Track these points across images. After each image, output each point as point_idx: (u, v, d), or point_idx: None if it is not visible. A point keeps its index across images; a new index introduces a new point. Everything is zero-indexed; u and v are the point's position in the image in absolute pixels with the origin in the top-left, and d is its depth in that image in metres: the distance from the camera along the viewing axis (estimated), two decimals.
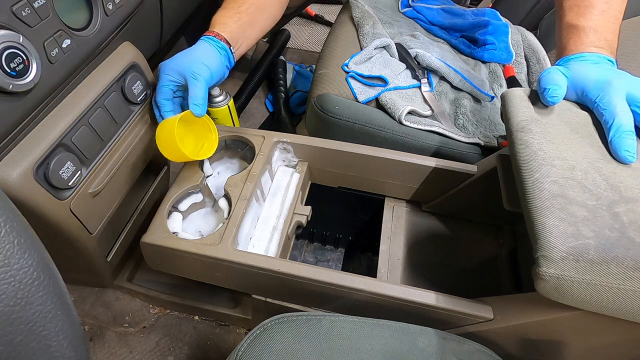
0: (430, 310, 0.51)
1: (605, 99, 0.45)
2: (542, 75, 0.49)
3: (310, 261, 0.91)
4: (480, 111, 0.78)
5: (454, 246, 0.70)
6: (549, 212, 0.38)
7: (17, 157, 0.47)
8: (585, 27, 0.52)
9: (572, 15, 0.53)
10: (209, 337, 0.79)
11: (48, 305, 0.26)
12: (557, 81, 0.47)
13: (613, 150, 0.43)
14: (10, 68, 0.40)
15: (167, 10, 0.73)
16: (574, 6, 0.53)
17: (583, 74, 0.48)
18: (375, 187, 0.73)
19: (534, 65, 0.86)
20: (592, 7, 0.52)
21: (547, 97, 0.47)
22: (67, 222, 0.54)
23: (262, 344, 0.44)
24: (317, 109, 0.73)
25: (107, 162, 0.59)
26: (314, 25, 1.65)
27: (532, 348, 0.51)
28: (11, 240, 0.25)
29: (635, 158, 0.42)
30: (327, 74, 0.77)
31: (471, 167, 0.64)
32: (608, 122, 0.44)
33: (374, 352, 0.44)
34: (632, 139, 0.42)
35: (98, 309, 0.80)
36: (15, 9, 0.40)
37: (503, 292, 0.64)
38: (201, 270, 0.59)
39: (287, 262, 0.55)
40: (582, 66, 0.49)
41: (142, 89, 0.64)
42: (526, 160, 0.43)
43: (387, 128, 0.71)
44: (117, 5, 0.54)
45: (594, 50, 0.50)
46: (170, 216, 0.63)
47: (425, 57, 0.79)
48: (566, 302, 0.39)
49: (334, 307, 0.59)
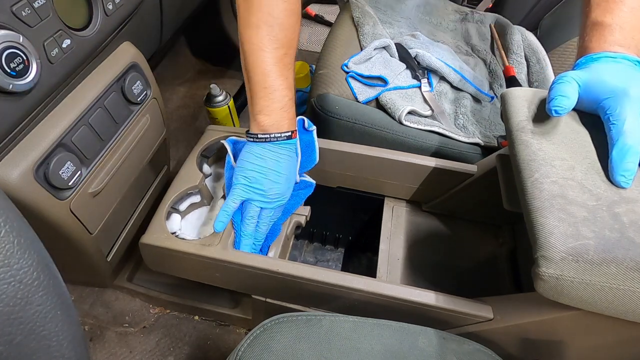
0: (430, 310, 0.51)
1: (617, 111, 0.41)
2: (553, 84, 0.45)
3: (310, 261, 0.91)
4: (480, 111, 0.78)
5: (453, 246, 0.70)
6: (549, 213, 0.38)
7: (17, 157, 0.47)
8: (611, 24, 0.46)
9: (599, 12, 0.48)
10: (209, 337, 0.79)
11: (48, 305, 0.26)
12: (566, 92, 0.43)
13: (610, 170, 0.41)
14: (10, 68, 0.40)
15: (167, 10, 0.73)
16: (602, 2, 0.48)
17: (599, 79, 0.43)
18: (375, 187, 0.73)
19: (534, 65, 0.86)
20: (622, 2, 0.47)
21: (551, 108, 0.43)
22: (67, 222, 0.54)
23: (262, 344, 0.44)
24: (317, 109, 0.73)
25: (107, 162, 0.59)
26: (314, 25, 1.65)
27: (532, 348, 0.51)
28: (11, 240, 0.24)
29: (630, 184, 0.40)
30: (327, 74, 0.77)
31: (471, 167, 0.64)
32: (613, 139, 0.41)
33: (374, 352, 0.44)
34: (632, 163, 0.39)
35: (98, 309, 0.80)
36: (15, 9, 0.40)
37: (503, 292, 0.63)
38: (200, 270, 0.59)
39: (287, 262, 0.55)
40: (601, 68, 0.44)
41: (142, 89, 0.64)
42: (526, 161, 0.43)
43: (387, 128, 0.71)
44: (117, 5, 0.54)
45: (618, 49, 0.45)
46: (169, 217, 0.63)
47: (425, 57, 0.79)
48: (566, 302, 0.39)
49: (334, 307, 0.59)
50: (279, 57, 0.55)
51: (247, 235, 0.59)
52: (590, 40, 0.48)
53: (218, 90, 0.98)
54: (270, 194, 0.57)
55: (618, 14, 0.47)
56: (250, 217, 0.58)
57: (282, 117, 0.57)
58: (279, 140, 0.57)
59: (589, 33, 0.48)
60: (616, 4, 0.47)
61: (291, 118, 0.58)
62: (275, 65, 0.55)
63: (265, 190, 0.57)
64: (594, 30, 0.48)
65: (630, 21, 0.46)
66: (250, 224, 0.58)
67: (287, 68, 0.57)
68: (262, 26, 0.54)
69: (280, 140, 0.57)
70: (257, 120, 0.56)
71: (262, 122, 0.56)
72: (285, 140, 0.57)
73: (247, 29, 0.55)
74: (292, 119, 0.59)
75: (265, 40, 0.54)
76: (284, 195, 0.59)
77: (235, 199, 0.57)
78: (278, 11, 0.54)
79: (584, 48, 0.48)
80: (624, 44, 0.45)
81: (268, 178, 0.57)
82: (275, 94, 0.56)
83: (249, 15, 0.54)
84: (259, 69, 0.55)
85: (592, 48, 0.47)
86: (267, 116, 0.56)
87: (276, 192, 0.58)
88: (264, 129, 0.56)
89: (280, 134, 0.57)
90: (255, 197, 0.57)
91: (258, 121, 0.56)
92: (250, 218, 0.58)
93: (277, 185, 0.57)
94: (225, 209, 0.56)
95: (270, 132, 0.56)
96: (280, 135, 0.57)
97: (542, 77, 0.83)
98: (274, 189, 0.57)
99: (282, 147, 0.57)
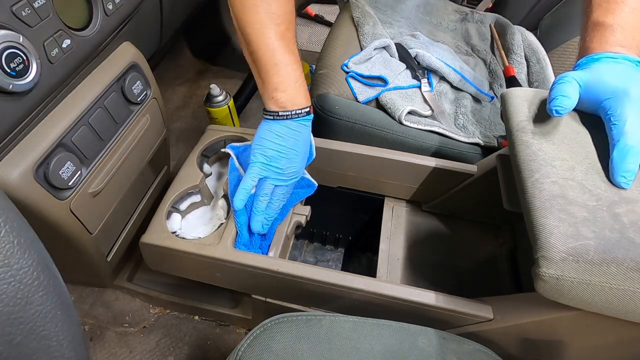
0: (430, 310, 0.51)
1: (618, 112, 0.41)
2: (554, 84, 0.45)
3: (310, 261, 0.91)
4: (480, 111, 0.78)
5: (453, 246, 0.70)
6: (549, 213, 0.38)
7: (17, 157, 0.47)
8: (612, 24, 0.46)
9: (600, 12, 0.48)
10: (209, 337, 0.79)
11: (48, 305, 0.26)
12: (567, 92, 0.43)
13: (611, 171, 0.41)
14: (10, 68, 0.40)
15: (167, 10, 0.73)
16: (604, 2, 0.48)
17: (600, 80, 0.43)
18: (375, 187, 0.73)
19: (534, 65, 0.86)
20: (623, 3, 0.47)
21: (552, 108, 0.43)
22: (67, 222, 0.54)
23: (262, 344, 0.44)
24: (317, 109, 0.73)
25: (107, 162, 0.59)
26: (314, 25, 1.65)
27: (532, 348, 0.51)
28: (11, 240, 0.24)
29: (630, 185, 0.40)
30: (327, 74, 0.77)
31: (471, 167, 0.64)
32: (614, 139, 0.41)
33: (374, 352, 0.44)
34: (633, 164, 0.39)
35: (98, 309, 0.80)
36: (15, 9, 0.40)
37: (503, 292, 0.63)
38: (200, 270, 0.59)
39: (287, 262, 0.55)
40: (602, 69, 0.44)
41: (142, 89, 0.64)
42: (526, 161, 0.43)
43: (387, 128, 0.71)
44: (117, 5, 0.54)
45: (619, 50, 0.45)
46: (170, 216, 0.63)
47: (425, 57, 0.79)
48: (566, 303, 0.39)
49: (334, 307, 0.59)
50: (281, 33, 0.55)
51: (259, 212, 0.59)
52: (591, 41, 0.47)
53: (218, 90, 0.98)
54: (287, 172, 0.58)
55: (619, 14, 0.46)
56: (264, 195, 0.58)
57: (298, 92, 0.57)
58: (299, 116, 0.57)
59: (590, 33, 0.48)
60: (617, 5, 0.47)
61: (306, 92, 0.58)
62: (280, 41, 0.55)
63: (282, 169, 0.58)
64: (595, 30, 0.48)
65: (631, 22, 0.46)
66: (263, 201, 0.59)
67: (291, 42, 0.57)
68: (259, 4, 0.54)
69: (301, 116, 0.57)
70: (274, 97, 0.56)
71: (279, 99, 0.56)
72: (304, 117, 0.57)
73: (244, 13, 0.54)
74: (307, 93, 0.58)
75: (265, 18, 0.54)
76: (299, 173, 0.60)
77: (254, 176, 0.57)
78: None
79: (585, 48, 0.48)
80: (625, 44, 0.45)
81: (287, 157, 0.57)
82: (287, 68, 0.55)
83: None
84: (266, 47, 0.55)
85: (593, 48, 0.47)
86: (284, 92, 0.56)
87: (293, 170, 0.59)
88: (283, 106, 0.56)
89: (301, 110, 0.57)
90: (272, 175, 0.58)
91: (276, 98, 0.56)
92: (265, 195, 0.59)
93: (294, 163, 0.58)
94: (244, 186, 0.57)
95: (290, 108, 0.56)
96: (301, 112, 0.57)
97: (542, 77, 0.83)
98: (291, 167, 0.58)
99: (301, 123, 0.58)
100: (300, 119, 0.57)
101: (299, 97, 0.57)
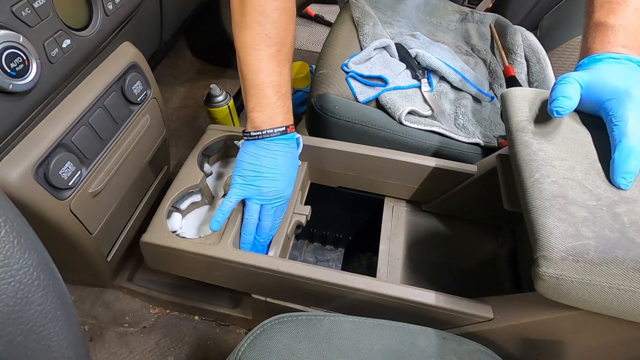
0: (430, 310, 0.51)
1: (619, 113, 0.41)
2: (555, 85, 0.45)
3: (310, 261, 0.91)
4: (480, 111, 0.78)
5: (453, 246, 0.70)
6: (549, 213, 0.38)
7: (17, 157, 0.47)
8: (614, 25, 0.46)
9: (603, 13, 0.47)
10: (209, 337, 0.79)
11: (48, 305, 0.26)
12: (568, 93, 0.43)
13: (611, 171, 0.40)
14: (10, 68, 0.40)
15: (167, 10, 0.73)
16: (606, 3, 0.48)
17: (601, 80, 0.43)
18: (375, 187, 0.73)
19: (534, 65, 0.86)
20: (625, 3, 0.47)
21: (553, 109, 0.43)
22: (67, 222, 0.54)
23: (262, 344, 0.44)
24: (317, 109, 0.73)
25: (107, 162, 0.59)
26: (314, 25, 1.65)
27: (532, 348, 0.51)
28: (11, 240, 0.24)
29: (629, 186, 0.40)
30: (327, 74, 0.77)
31: (471, 167, 0.64)
32: (616, 140, 0.40)
33: (374, 352, 0.44)
34: (634, 165, 0.39)
35: (98, 309, 0.80)
36: (15, 9, 0.40)
37: (503, 291, 0.63)
38: (200, 269, 0.59)
39: (287, 261, 0.55)
40: (604, 69, 0.44)
41: (142, 89, 0.64)
42: (526, 161, 0.43)
43: (387, 128, 0.71)
44: (117, 5, 0.54)
45: (621, 50, 0.45)
46: (170, 216, 0.63)
47: (425, 57, 0.79)
48: (566, 302, 0.39)
49: (334, 307, 0.59)
50: (271, 55, 0.55)
51: (248, 233, 0.59)
52: (593, 41, 0.47)
53: (218, 90, 0.98)
54: (267, 191, 0.57)
55: (622, 14, 0.46)
56: (249, 216, 0.58)
57: (275, 112, 0.56)
58: (272, 136, 0.56)
59: (592, 34, 0.48)
60: (620, 5, 0.47)
61: (286, 113, 0.58)
62: (268, 63, 0.55)
63: (261, 188, 0.57)
64: (597, 31, 0.47)
65: (633, 22, 0.46)
66: (250, 222, 0.58)
67: (280, 64, 0.56)
68: (254, 26, 0.54)
69: (274, 136, 0.56)
70: (250, 117, 0.57)
71: (255, 119, 0.56)
72: (279, 136, 0.57)
73: (240, 31, 0.55)
74: (287, 114, 0.58)
75: (257, 39, 0.54)
76: (284, 192, 0.59)
77: (232, 198, 0.57)
78: (270, 10, 0.54)
79: (587, 49, 0.48)
80: (627, 44, 0.45)
81: (264, 176, 0.57)
82: (266, 90, 0.55)
83: (242, 17, 0.55)
84: (252, 68, 0.55)
85: (595, 49, 0.46)
86: (260, 113, 0.56)
87: (274, 189, 0.58)
88: (257, 126, 0.56)
89: (273, 129, 0.56)
90: (254, 195, 0.57)
91: (251, 118, 0.56)
92: (249, 217, 0.58)
93: (275, 182, 0.57)
94: (221, 209, 0.56)
95: (262, 128, 0.56)
96: (273, 131, 0.56)
97: (542, 77, 0.83)
98: (272, 187, 0.57)
99: (277, 143, 0.57)
100: (274, 138, 0.56)
101: (275, 117, 0.56)
